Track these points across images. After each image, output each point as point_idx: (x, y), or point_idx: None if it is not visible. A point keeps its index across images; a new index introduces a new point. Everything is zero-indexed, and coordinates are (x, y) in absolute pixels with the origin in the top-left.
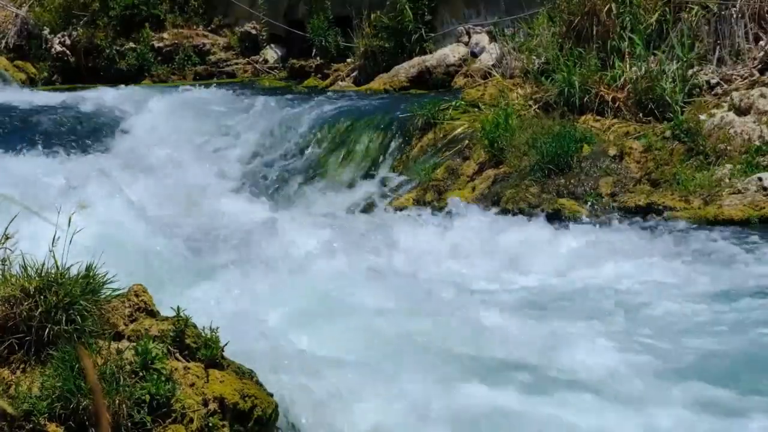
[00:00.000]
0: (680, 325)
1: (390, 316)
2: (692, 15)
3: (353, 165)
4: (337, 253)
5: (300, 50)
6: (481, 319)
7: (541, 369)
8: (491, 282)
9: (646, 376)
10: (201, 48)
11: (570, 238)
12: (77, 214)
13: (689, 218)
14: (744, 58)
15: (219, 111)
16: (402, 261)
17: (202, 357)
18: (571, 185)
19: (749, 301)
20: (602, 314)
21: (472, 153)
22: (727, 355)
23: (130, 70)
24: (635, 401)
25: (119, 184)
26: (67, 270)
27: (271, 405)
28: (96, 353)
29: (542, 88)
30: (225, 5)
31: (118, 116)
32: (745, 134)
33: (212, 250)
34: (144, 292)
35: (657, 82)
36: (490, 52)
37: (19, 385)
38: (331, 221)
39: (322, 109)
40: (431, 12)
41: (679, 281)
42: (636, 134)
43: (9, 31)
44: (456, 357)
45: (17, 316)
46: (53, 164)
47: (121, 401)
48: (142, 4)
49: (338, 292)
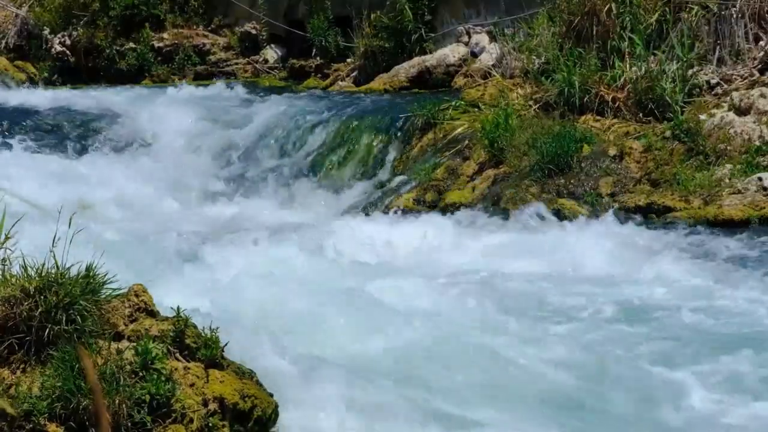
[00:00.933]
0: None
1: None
2: (692, 15)
3: (353, 165)
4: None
5: (300, 50)
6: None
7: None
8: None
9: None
10: (201, 48)
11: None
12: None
13: (689, 218)
14: (744, 58)
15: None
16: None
17: (202, 357)
18: (571, 185)
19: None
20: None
21: (472, 153)
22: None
23: (130, 70)
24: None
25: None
26: (67, 270)
27: (271, 405)
28: (96, 353)
29: (542, 88)
30: (225, 5)
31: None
32: (745, 134)
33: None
34: (144, 292)
35: (657, 82)
36: (490, 52)
37: (19, 385)
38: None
39: (322, 109)
40: (431, 12)
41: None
42: (636, 134)
43: (9, 31)
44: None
45: (17, 316)
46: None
47: (121, 401)
48: (142, 4)
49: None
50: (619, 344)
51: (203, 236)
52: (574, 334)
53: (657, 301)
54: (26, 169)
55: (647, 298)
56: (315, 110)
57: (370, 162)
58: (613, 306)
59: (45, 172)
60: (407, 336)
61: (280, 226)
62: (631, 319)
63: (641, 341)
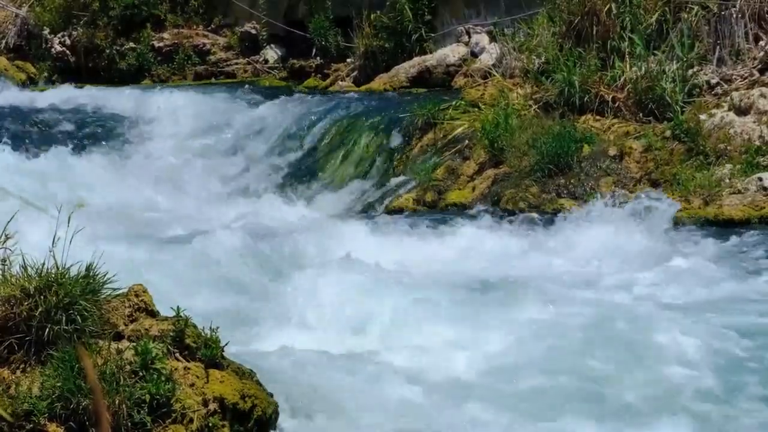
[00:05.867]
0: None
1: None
2: (692, 15)
3: (353, 165)
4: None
5: (300, 50)
6: None
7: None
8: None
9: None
10: (201, 48)
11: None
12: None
13: (689, 218)
14: (744, 58)
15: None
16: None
17: (202, 357)
18: (571, 185)
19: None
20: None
21: (472, 153)
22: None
23: (130, 70)
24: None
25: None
26: (67, 270)
27: (271, 405)
28: (96, 353)
29: (542, 88)
30: (225, 5)
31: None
32: (745, 134)
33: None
34: (144, 292)
35: (657, 82)
36: (490, 52)
37: (19, 385)
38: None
39: (322, 109)
40: (431, 12)
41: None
42: (636, 134)
43: (9, 31)
44: None
45: (17, 316)
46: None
47: (121, 401)
48: (142, 4)
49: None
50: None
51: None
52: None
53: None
54: (25, 168)
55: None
56: (315, 110)
57: (370, 162)
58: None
59: (46, 172)
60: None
61: (280, 227)
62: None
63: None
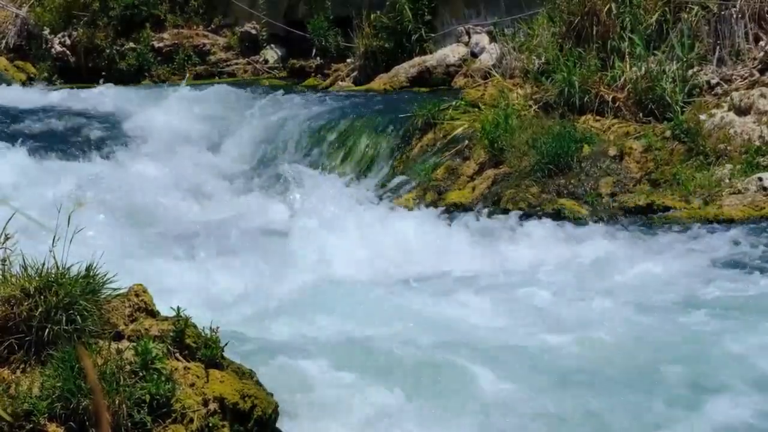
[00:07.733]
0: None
1: None
2: (692, 15)
3: (353, 165)
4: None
5: (300, 50)
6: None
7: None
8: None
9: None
10: (201, 48)
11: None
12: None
13: (689, 218)
14: (744, 58)
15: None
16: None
17: (202, 357)
18: (571, 185)
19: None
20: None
21: (472, 153)
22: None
23: (130, 70)
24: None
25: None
26: (67, 270)
27: (271, 405)
28: (96, 353)
29: (542, 88)
30: (225, 5)
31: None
32: (745, 134)
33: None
34: (144, 292)
35: (657, 82)
36: (490, 52)
37: (19, 385)
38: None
39: (322, 109)
40: (431, 12)
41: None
42: (636, 134)
43: (9, 31)
44: None
45: (17, 316)
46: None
47: (121, 401)
48: (142, 4)
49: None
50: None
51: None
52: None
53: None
54: (25, 168)
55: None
56: (315, 111)
57: (370, 162)
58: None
59: (45, 171)
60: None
61: (279, 227)
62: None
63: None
